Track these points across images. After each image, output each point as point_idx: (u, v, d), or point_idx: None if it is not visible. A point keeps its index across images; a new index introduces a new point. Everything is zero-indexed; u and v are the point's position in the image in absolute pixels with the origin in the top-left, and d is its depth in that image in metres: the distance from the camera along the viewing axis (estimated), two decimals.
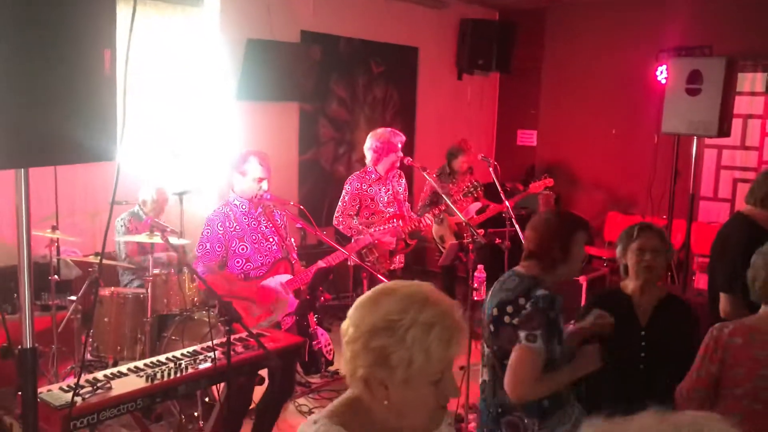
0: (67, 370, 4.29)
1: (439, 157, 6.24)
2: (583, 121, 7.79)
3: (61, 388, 2.75)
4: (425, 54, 7.69)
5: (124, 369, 3.02)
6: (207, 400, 4.02)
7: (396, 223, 4.68)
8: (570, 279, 2.76)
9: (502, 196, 4.95)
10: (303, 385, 4.69)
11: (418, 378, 1.33)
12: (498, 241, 4.76)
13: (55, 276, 4.25)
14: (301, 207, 4.34)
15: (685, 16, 6.75)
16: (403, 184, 5.02)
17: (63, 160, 1.84)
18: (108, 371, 3.00)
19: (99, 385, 2.77)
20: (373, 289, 1.42)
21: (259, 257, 4.01)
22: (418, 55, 7.64)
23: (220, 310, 2.92)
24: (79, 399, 2.64)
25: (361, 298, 1.42)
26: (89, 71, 1.74)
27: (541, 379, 2.31)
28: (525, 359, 2.30)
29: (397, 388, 1.34)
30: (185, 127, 5.66)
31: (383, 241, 4.61)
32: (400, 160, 4.80)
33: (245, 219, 4.02)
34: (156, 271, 4.26)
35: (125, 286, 4.86)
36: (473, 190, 5.20)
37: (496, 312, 2.42)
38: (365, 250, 4.66)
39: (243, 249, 3.99)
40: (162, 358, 3.20)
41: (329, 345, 4.63)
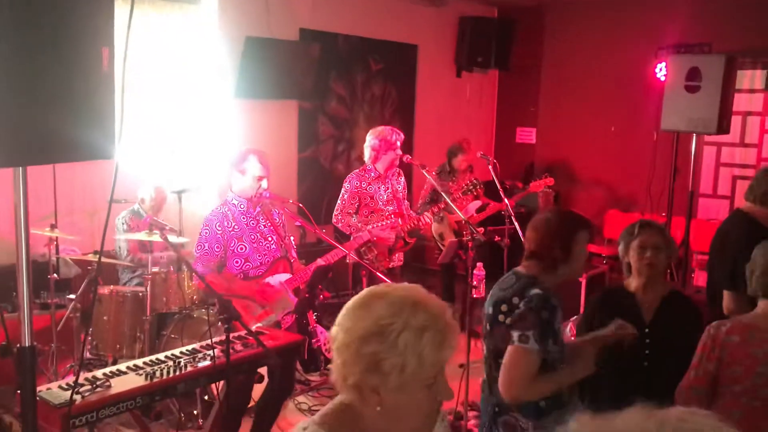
0: (66, 368, 4.29)
1: (438, 155, 6.24)
2: (582, 118, 7.79)
3: (60, 387, 2.74)
4: (424, 51, 7.68)
5: (123, 367, 3.01)
6: (206, 398, 4.02)
7: (395, 221, 4.67)
8: (573, 278, 2.74)
9: (501, 194, 4.94)
10: (302, 383, 4.70)
11: (412, 383, 1.31)
12: (497, 238, 4.75)
13: (54, 274, 4.25)
14: (301, 205, 4.34)
15: (685, 13, 6.74)
16: (403, 182, 5.01)
17: (61, 159, 1.83)
18: (107, 369, 3.00)
19: (98, 383, 2.77)
20: (361, 292, 1.39)
21: (257, 256, 4.01)
22: (417, 53, 7.63)
23: (219, 309, 2.91)
24: (78, 397, 2.64)
25: (350, 303, 1.38)
26: (87, 69, 1.73)
27: (535, 380, 2.29)
28: (517, 360, 2.28)
29: (390, 394, 1.32)
30: (184, 126, 5.66)
31: (382, 237, 4.59)
32: (399, 158, 4.79)
33: (243, 218, 4.01)
34: (155, 269, 4.26)
35: (124, 284, 4.86)
36: (473, 188, 5.20)
37: (491, 311, 2.42)
38: (364, 248, 4.65)
39: (242, 248, 3.98)
40: (161, 356, 3.19)
41: (328, 343, 4.63)
